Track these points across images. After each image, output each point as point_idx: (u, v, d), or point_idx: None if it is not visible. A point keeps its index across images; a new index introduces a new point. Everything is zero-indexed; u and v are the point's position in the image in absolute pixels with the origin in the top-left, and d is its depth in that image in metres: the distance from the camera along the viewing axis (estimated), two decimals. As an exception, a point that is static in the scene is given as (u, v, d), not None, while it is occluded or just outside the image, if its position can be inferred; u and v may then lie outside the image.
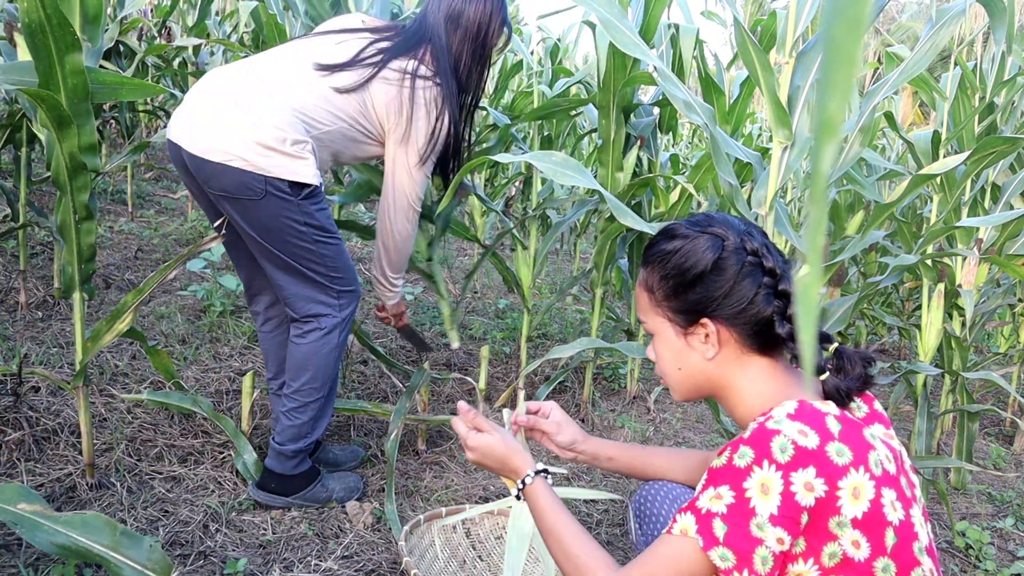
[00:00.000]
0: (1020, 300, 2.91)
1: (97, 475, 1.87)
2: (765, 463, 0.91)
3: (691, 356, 1.07)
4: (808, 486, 0.90)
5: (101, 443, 2.02)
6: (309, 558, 1.73)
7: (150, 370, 2.44)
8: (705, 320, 1.04)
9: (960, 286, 2.23)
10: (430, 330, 3.24)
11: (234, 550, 1.72)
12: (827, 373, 1.03)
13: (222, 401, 2.36)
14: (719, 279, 1.03)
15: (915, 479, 1.03)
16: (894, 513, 0.93)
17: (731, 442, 0.96)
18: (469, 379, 2.67)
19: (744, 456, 0.92)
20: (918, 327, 2.28)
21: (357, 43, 1.84)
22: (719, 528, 0.92)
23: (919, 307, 3.27)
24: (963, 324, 2.47)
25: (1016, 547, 2.12)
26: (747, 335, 1.04)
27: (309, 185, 1.72)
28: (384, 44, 1.84)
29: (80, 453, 1.90)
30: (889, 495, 0.93)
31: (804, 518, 0.91)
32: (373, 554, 1.78)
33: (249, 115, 1.66)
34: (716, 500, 0.93)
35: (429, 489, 2.10)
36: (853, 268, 3.62)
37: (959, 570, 2.00)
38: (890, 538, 0.93)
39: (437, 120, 1.86)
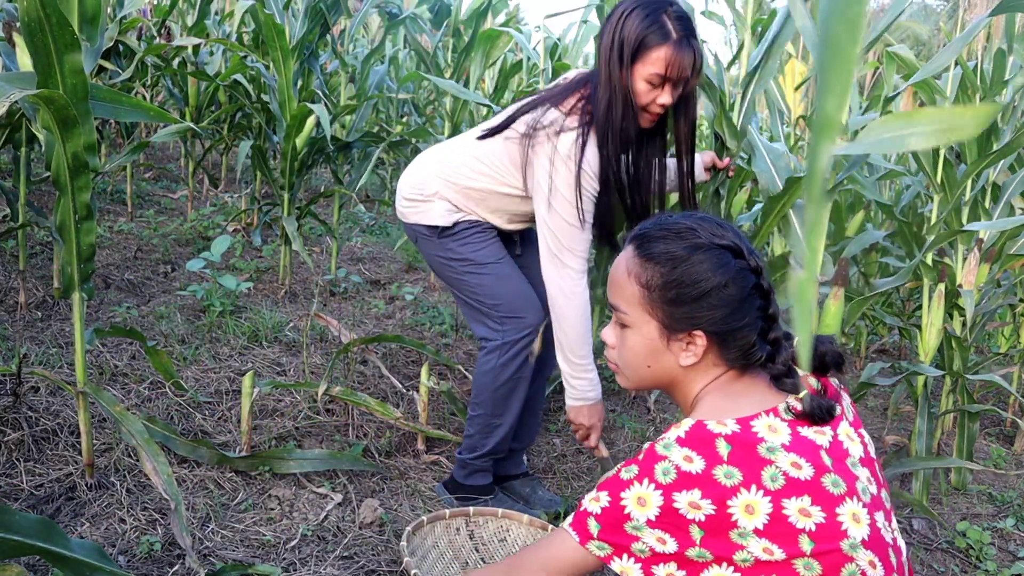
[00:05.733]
0: (1021, 300, 2.91)
1: (97, 475, 1.87)
2: (646, 481, 0.96)
3: (666, 358, 1.07)
4: (694, 505, 0.93)
5: (101, 443, 2.01)
6: (309, 558, 1.73)
7: (149, 370, 2.44)
8: (699, 332, 1.03)
9: (960, 286, 2.22)
10: (429, 330, 3.24)
11: (234, 550, 1.72)
12: (804, 391, 1.02)
13: (221, 402, 2.36)
14: (727, 298, 1.02)
15: (861, 472, 1.00)
16: (807, 520, 0.93)
17: (629, 459, 1.00)
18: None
19: (630, 471, 0.98)
20: (918, 327, 2.28)
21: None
22: (593, 526, 1.00)
23: (919, 307, 3.27)
24: (963, 324, 2.47)
25: (1017, 547, 2.12)
26: (727, 351, 1.05)
27: (444, 226, 1.89)
28: (538, 99, 1.78)
29: (80, 453, 1.90)
30: (795, 504, 0.93)
31: (696, 531, 0.93)
32: (373, 554, 1.78)
33: (404, 178, 1.98)
34: (594, 502, 1.00)
35: (430, 490, 2.10)
36: (853, 268, 3.62)
37: (959, 570, 2.00)
38: (805, 543, 0.93)
39: (565, 169, 1.70)
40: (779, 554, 0.93)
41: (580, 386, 1.80)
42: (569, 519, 1.03)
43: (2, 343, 2.47)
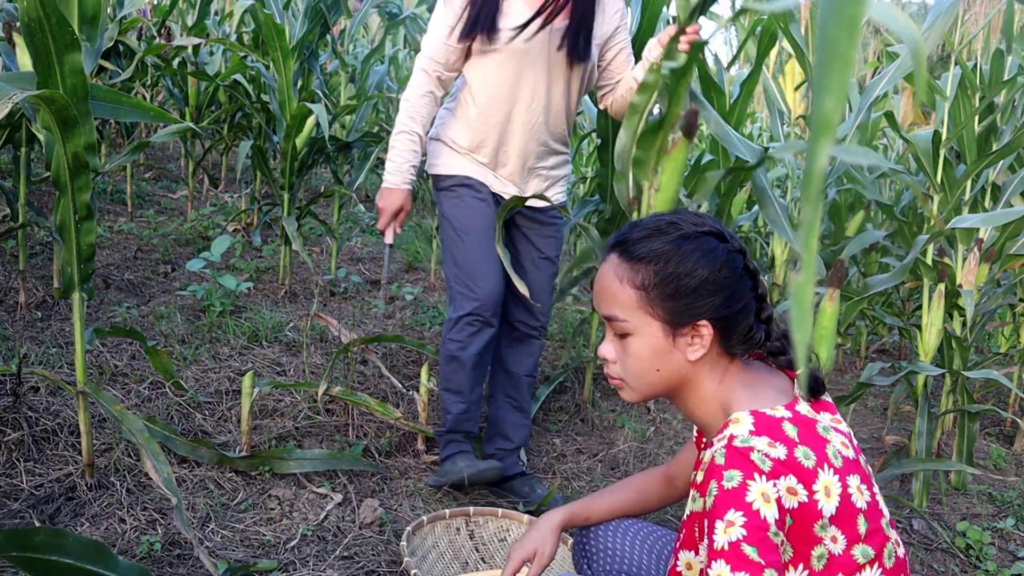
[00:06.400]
0: (1020, 300, 2.91)
1: (97, 475, 1.87)
2: (756, 475, 0.91)
3: (674, 357, 1.04)
4: (791, 491, 0.91)
5: (101, 443, 2.01)
6: (309, 558, 1.73)
7: (149, 370, 2.44)
8: (703, 322, 1.02)
9: (960, 286, 2.22)
10: (429, 330, 3.24)
11: (234, 550, 1.72)
12: (802, 368, 1.05)
13: (221, 402, 2.36)
14: (723, 282, 1.02)
15: (863, 457, 1.06)
16: (862, 498, 0.96)
17: (708, 475, 0.95)
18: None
19: (733, 478, 0.92)
20: (918, 327, 2.28)
21: None
22: (751, 551, 0.88)
23: (919, 307, 3.27)
24: (963, 324, 2.47)
25: (1017, 547, 2.12)
26: (730, 337, 1.04)
27: (441, 175, 2.01)
28: None
29: (80, 453, 1.90)
30: (854, 481, 0.95)
31: (788, 520, 0.92)
32: (373, 554, 1.78)
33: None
34: (731, 529, 0.90)
35: (429, 490, 2.10)
36: (853, 268, 3.62)
37: (959, 570, 2.00)
38: (862, 524, 0.95)
39: None
40: (841, 543, 0.93)
41: (388, 168, 1.97)
42: (722, 569, 0.88)
43: (2, 343, 2.47)
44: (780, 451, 0.92)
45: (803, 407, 1.00)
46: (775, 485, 0.91)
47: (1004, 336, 3.68)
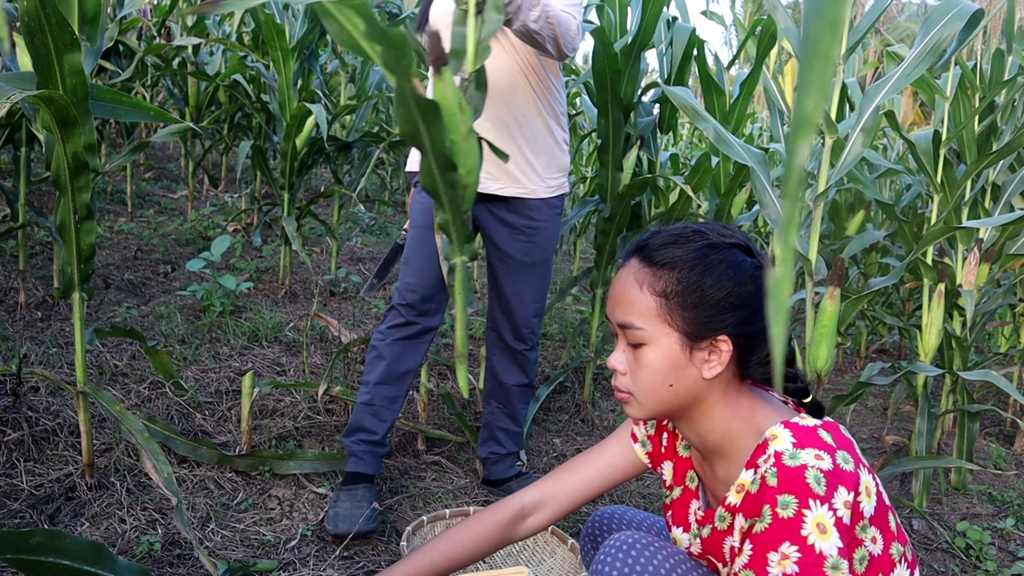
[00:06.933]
0: (1021, 300, 2.91)
1: (97, 475, 1.87)
2: (811, 501, 0.88)
3: (688, 372, 0.98)
4: (847, 504, 0.89)
5: (101, 443, 2.02)
6: (309, 558, 1.73)
7: (149, 370, 2.44)
8: (723, 337, 0.97)
9: (960, 286, 2.22)
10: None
11: (234, 550, 1.73)
12: (810, 396, 1.05)
13: (221, 402, 2.36)
14: (747, 297, 0.98)
15: None
16: (886, 497, 0.97)
17: (759, 497, 0.92)
18: (470, 378, 2.67)
19: (788, 505, 0.88)
20: (918, 327, 2.28)
21: None
22: None
23: (919, 307, 3.27)
24: (963, 324, 2.47)
25: (1017, 547, 2.12)
26: (748, 358, 1.01)
27: (410, 172, 2.01)
28: None
29: (80, 453, 1.90)
30: (878, 479, 0.97)
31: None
32: (373, 554, 1.78)
33: None
34: (785, 560, 0.88)
35: (429, 490, 2.10)
36: (854, 268, 3.62)
37: (959, 570, 2.00)
38: (892, 521, 0.96)
39: None
40: (880, 543, 0.94)
41: None
42: None
43: (2, 343, 2.47)
44: (827, 461, 0.90)
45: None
46: (831, 507, 0.88)
47: (1004, 336, 3.68)
